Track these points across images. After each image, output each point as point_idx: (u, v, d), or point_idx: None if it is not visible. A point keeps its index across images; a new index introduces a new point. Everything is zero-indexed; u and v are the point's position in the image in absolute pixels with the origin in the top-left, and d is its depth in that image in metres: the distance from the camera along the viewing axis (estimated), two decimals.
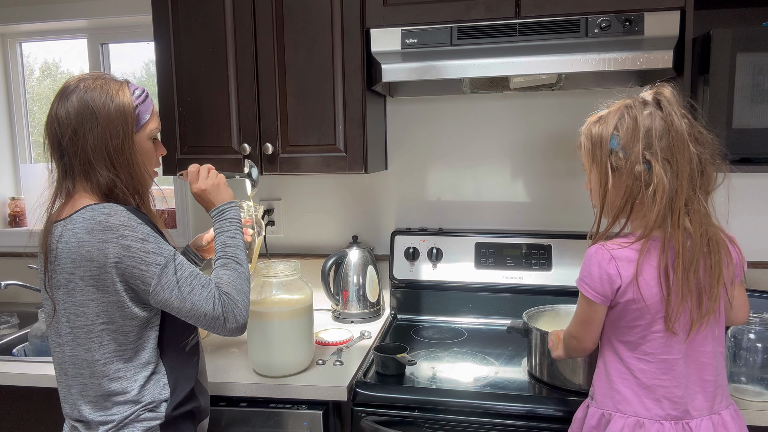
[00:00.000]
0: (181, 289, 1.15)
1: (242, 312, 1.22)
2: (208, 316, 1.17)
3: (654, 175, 1.12)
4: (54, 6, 2.27)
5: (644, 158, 1.13)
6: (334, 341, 1.80)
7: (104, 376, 1.18)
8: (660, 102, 1.15)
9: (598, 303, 1.18)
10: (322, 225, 2.21)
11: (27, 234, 2.36)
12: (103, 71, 1.16)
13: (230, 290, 1.22)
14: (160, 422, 1.21)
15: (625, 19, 1.54)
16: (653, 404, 1.16)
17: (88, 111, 1.14)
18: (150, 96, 1.26)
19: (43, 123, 1.19)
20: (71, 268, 1.13)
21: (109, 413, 1.19)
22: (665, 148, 1.12)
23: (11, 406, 1.69)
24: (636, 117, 1.15)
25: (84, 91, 1.16)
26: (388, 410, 1.47)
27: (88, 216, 1.13)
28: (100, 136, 1.14)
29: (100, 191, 1.17)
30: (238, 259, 1.28)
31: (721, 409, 1.18)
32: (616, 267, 1.15)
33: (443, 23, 1.64)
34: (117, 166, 1.16)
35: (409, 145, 2.12)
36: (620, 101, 1.21)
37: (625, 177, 1.15)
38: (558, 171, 2.02)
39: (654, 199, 1.12)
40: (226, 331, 1.20)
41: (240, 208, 1.42)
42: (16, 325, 2.15)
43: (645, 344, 1.16)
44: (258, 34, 1.76)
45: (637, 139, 1.13)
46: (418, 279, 2.03)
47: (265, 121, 1.79)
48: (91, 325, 1.16)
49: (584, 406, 1.28)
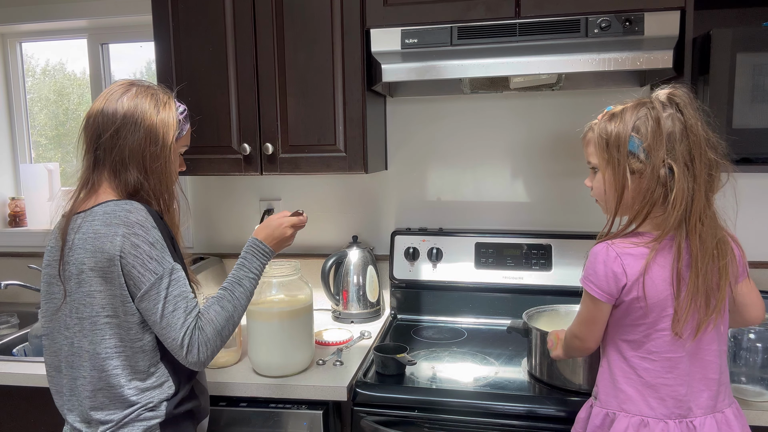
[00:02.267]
0: (165, 306, 1.16)
1: (207, 352, 1.19)
2: (175, 341, 1.16)
3: (675, 180, 1.10)
4: (54, 6, 2.27)
5: (666, 162, 1.11)
6: (334, 341, 1.80)
7: (104, 370, 1.19)
8: (678, 104, 1.14)
9: (603, 301, 1.18)
10: (322, 225, 2.21)
11: (27, 234, 2.39)
12: (148, 81, 1.27)
13: (208, 329, 1.20)
14: (160, 421, 1.21)
15: (625, 19, 1.54)
16: (657, 403, 1.16)
17: (136, 115, 1.20)
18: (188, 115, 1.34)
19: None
20: (83, 258, 1.16)
21: (107, 412, 1.19)
22: (685, 152, 1.11)
23: (11, 406, 1.69)
24: (658, 119, 1.12)
25: (135, 95, 1.22)
26: (388, 410, 1.47)
27: (109, 210, 1.17)
28: (140, 140, 1.20)
29: (126, 190, 1.22)
30: (238, 301, 1.26)
31: (725, 407, 1.18)
32: (621, 265, 1.15)
33: (443, 23, 1.64)
34: (149, 170, 1.22)
35: (409, 145, 2.12)
36: (635, 99, 1.19)
37: (646, 181, 1.13)
38: (558, 171, 2.02)
39: (673, 204, 1.11)
40: (184, 360, 1.19)
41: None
42: (16, 325, 2.15)
43: (649, 343, 1.16)
44: (258, 34, 1.76)
45: (661, 142, 1.11)
46: (418, 279, 2.03)
47: (265, 121, 1.79)
48: (96, 317, 1.18)
49: (587, 406, 1.28)
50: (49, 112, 2.56)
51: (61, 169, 2.52)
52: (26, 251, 2.39)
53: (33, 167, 2.45)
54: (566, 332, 1.33)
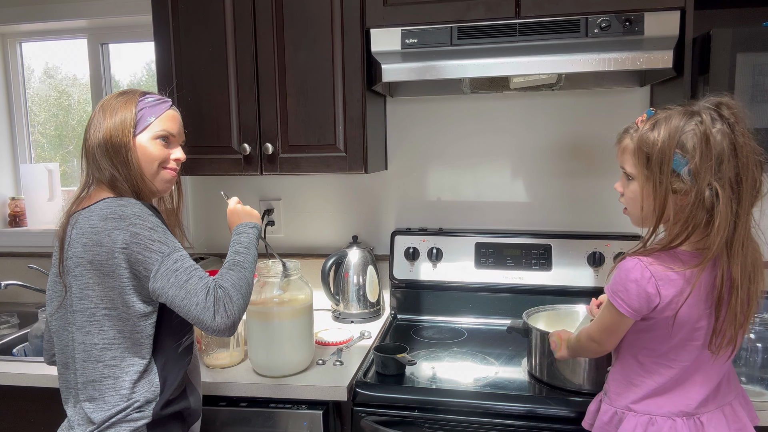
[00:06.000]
0: (179, 277, 1.17)
1: (234, 309, 1.19)
2: (199, 305, 1.16)
3: (720, 204, 1.03)
4: (54, 6, 2.27)
5: (712, 185, 1.04)
6: (334, 341, 1.80)
7: (99, 361, 1.20)
8: (729, 120, 1.06)
9: (629, 318, 1.15)
10: (322, 225, 2.21)
11: (27, 234, 2.39)
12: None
13: (227, 285, 1.21)
14: (147, 422, 1.21)
15: (625, 19, 1.54)
16: (666, 402, 1.16)
17: (100, 112, 1.28)
18: (170, 103, 1.34)
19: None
20: (81, 252, 1.18)
21: (98, 405, 1.20)
22: (732, 173, 1.04)
23: (11, 406, 1.69)
24: (707, 135, 1.04)
25: (109, 98, 1.30)
26: (388, 410, 1.47)
27: (105, 206, 1.21)
28: (102, 135, 1.25)
29: (108, 184, 1.26)
30: (242, 264, 1.28)
31: (731, 399, 1.19)
32: (656, 286, 1.09)
33: (443, 23, 1.64)
34: (115, 161, 1.25)
35: (409, 145, 2.12)
36: (682, 106, 1.11)
37: (690, 204, 1.06)
38: (558, 171, 2.02)
39: (717, 230, 1.04)
40: (214, 324, 1.17)
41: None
42: (16, 325, 2.15)
43: (670, 353, 1.15)
44: (258, 34, 1.76)
45: (708, 165, 1.03)
46: (418, 279, 2.03)
47: (265, 121, 1.79)
48: (95, 308, 1.19)
49: (597, 400, 1.29)
50: (49, 112, 2.56)
51: (61, 169, 2.52)
52: (26, 251, 2.39)
53: (33, 167, 2.45)
54: (582, 334, 1.30)
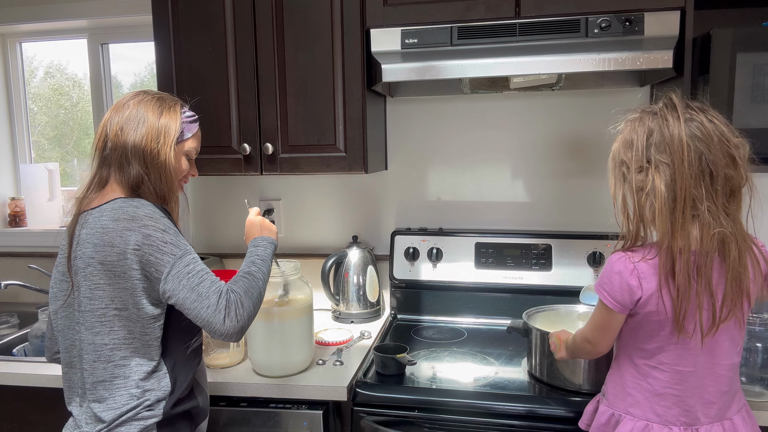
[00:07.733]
0: (191, 279, 1.18)
1: (244, 315, 1.20)
2: (210, 308, 1.17)
3: (648, 181, 1.11)
4: (54, 6, 2.27)
5: (640, 166, 1.13)
6: (334, 341, 1.80)
7: (110, 361, 1.20)
8: (659, 108, 1.14)
9: (616, 311, 1.16)
10: (322, 225, 2.21)
11: (27, 234, 2.39)
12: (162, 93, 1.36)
13: (240, 291, 1.22)
14: (157, 420, 1.22)
15: (625, 19, 1.54)
16: (664, 410, 1.16)
17: (139, 114, 1.27)
18: (198, 122, 1.40)
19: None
20: (92, 252, 1.19)
21: (108, 404, 1.20)
22: (661, 152, 1.10)
23: (11, 406, 1.68)
24: (634, 126, 1.15)
25: (141, 100, 1.29)
26: (388, 410, 1.47)
27: (117, 207, 1.21)
28: (142, 136, 1.26)
29: (129, 183, 1.25)
30: (256, 275, 1.29)
31: (733, 414, 1.18)
32: (638, 278, 1.12)
33: (443, 23, 1.64)
34: (149, 165, 1.25)
35: (409, 145, 2.12)
36: (639, 110, 1.20)
37: (629, 187, 1.15)
38: (558, 171, 2.02)
39: (654, 207, 1.10)
40: (223, 328, 1.17)
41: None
42: (16, 325, 2.15)
43: (661, 354, 1.15)
44: (258, 34, 1.76)
45: (630, 147, 1.14)
46: (418, 279, 2.03)
47: (265, 121, 1.79)
48: (105, 309, 1.20)
49: (595, 401, 1.29)
50: (49, 112, 2.56)
51: (61, 169, 2.52)
52: (26, 251, 2.39)
53: (33, 167, 2.45)
54: (577, 335, 1.31)
